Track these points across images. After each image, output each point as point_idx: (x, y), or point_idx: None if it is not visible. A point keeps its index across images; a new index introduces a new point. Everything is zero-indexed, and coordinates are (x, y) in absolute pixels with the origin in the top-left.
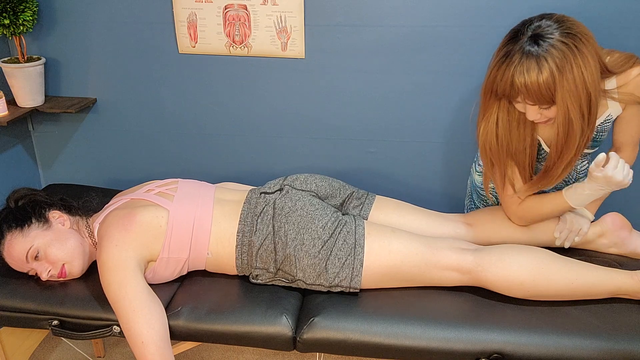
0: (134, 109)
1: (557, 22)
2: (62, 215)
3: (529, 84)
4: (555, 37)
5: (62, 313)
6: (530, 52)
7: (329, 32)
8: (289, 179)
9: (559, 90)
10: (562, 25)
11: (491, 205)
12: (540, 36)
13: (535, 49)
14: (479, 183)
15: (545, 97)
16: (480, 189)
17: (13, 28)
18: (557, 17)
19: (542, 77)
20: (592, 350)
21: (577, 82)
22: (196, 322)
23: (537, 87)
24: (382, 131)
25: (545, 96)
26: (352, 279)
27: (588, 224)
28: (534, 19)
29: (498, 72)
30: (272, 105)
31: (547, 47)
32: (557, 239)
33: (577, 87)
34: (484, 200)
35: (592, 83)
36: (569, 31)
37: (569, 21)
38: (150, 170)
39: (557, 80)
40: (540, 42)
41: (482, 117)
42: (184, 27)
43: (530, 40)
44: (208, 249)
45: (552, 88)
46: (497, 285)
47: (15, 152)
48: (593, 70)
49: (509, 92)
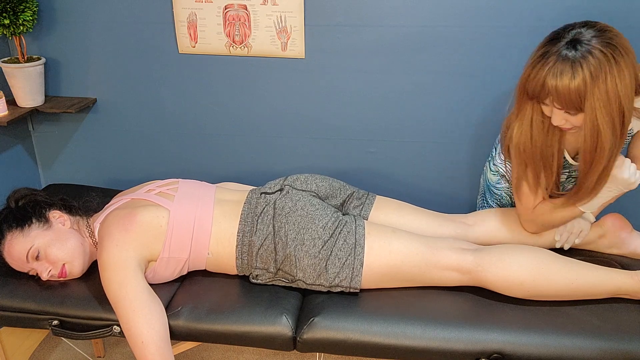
0: (134, 109)
1: (599, 31)
2: (62, 215)
3: (560, 87)
4: (594, 45)
5: (62, 313)
6: (567, 56)
7: (329, 32)
8: (290, 179)
9: (589, 98)
10: (603, 34)
11: (505, 204)
12: (579, 41)
13: (572, 53)
14: (493, 182)
15: (575, 103)
16: (494, 188)
17: (13, 28)
18: (601, 26)
19: (575, 83)
20: (592, 350)
21: (609, 94)
22: (196, 322)
23: (568, 91)
24: (382, 131)
25: (575, 102)
26: (352, 279)
27: (589, 226)
28: (577, 24)
29: (532, 71)
30: (272, 105)
31: (584, 54)
32: (557, 242)
33: (609, 98)
34: (498, 198)
35: (626, 96)
36: (609, 41)
37: (611, 32)
38: (150, 170)
39: (589, 87)
40: (578, 47)
41: (517, 116)
42: (184, 27)
43: (569, 44)
44: (208, 249)
45: (583, 95)
46: (497, 285)
47: (15, 152)
48: (628, 84)
49: (539, 92)
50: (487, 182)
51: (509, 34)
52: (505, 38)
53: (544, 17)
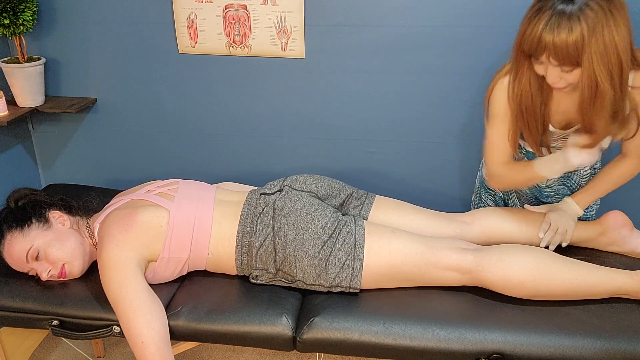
0: (134, 109)
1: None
2: (62, 215)
3: (557, 42)
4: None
5: (62, 313)
6: (563, 10)
7: (329, 32)
8: (289, 179)
9: (586, 51)
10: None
11: (499, 201)
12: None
13: (569, 7)
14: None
15: (572, 58)
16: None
17: (13, 28)
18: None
19: (572, 37)
20: (592, 350)
21: (607, 46)
22: (196, 322)
23: (565, 45)
24: (382, 131)
25: (572, 56)
26: (352, 279)
27: (574, 224)
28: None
29: (528, 27)
30: (272, 105)
31: (582, 6)
32: (542, 240)
33: (607, 50)
34: (493, 196)
35: (624, 48)
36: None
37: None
38: (150, 170)
39: (587, 41)
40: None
41: (515, 76)
42: (184, 27)
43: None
44: (208, 249)
45: (580, 48)
46: (497, 285)
47: (15, 152)
48: (625, 35)
49: (535, 48)
50: (482, 178)
51: (509, 34)
52: (505, 38)
53: None
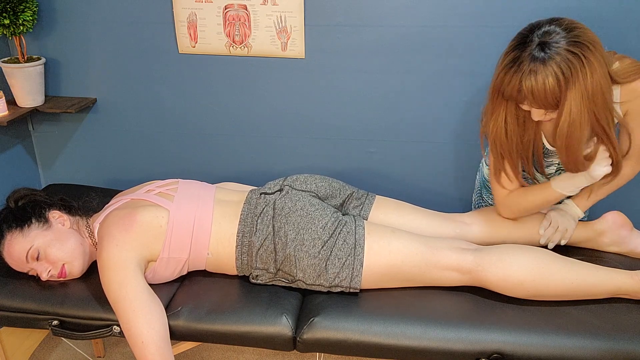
0: (134, 109)
1: (565, 30)
2: (62, 215)
3: (535, 92)
4: (563, 46)
5: (62, 313)
6: (539, 60)
7: (329, 32)
8: (289, 179)
9: (565, 98)
10: (570, 32)
11: None
12: (548, 45)
13: (542, 56)
14: (488, 177)
15: (552, 104)
16: (490, 184)
17: (13, 28)
18: (566, 24)
19: (549, 86)
20: (592, 350)
21: (585, 90)
22: (196, 322)
23: (544, 94)
24: (382, 131)
25: (552, 102)
26: (352, 279)
27: (575, 224)
28: (542, 23)
29: (505, 76)
30: (272, 105)
31: (554, 56)
32: (542, 237)
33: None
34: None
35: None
36: (576, 40)
37: (577, 28)
38: (150, 170)
39: (564, 89)
40: (547, 50)
41: (491, 116)
42: (184, 27)
43: (538, 47)
44: (208, 249)
45: (558, 95)
46: (497, 285)
47: (15, 152)
48: (601, 75)
49: (516, 96)
50: (483, 178)
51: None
52: (505, 38)
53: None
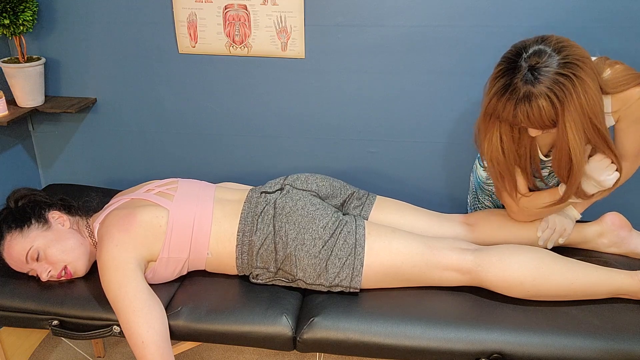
0: (134, 109)
1: (554, 51)
2: (61, 215)
3: (531, 116)
4: (553, 69)
5: (62, 313)
6: (530, 83)
7: (329, 32)
8: (290, 178)
9: (561, 119)
10: (559, 53)
11: (497, 200)
12: (537, 69)
13: (534, 81)
14: (483, 178)
15: (548, 125)
16: (484, 184)
17: (13, 28)
18: (554, 44)
19: (545, 109)
20: (592, 350)
21: (580, 109)
22: (196, 322)
23: (540, 117)
24: (382, 131)
25: (549, 123)
26: (353, 279)
27: (572, 224)
28: (528, 45)
29: (498, 103)
30: (272, 105)
31: (545, 80)
32: (540, 238)
33: (581, 113)
34: (489, 195)
35: (595, 104)
36: (566, 60)
37: (565, 48)
38: (150, 170)
39: (559, 111)
40: (538, 75)
41: (484, 137)
42: (184, 27)
43: (529, 73)
44: (208, 248)
45: (554, 118)
46: (497, 285)
47: (15, 152)
48: (594, 91)
49: (511, 121)
50: (478, 179)
51: (508, 34)
52: (505, 38)
53: (544, 18)
